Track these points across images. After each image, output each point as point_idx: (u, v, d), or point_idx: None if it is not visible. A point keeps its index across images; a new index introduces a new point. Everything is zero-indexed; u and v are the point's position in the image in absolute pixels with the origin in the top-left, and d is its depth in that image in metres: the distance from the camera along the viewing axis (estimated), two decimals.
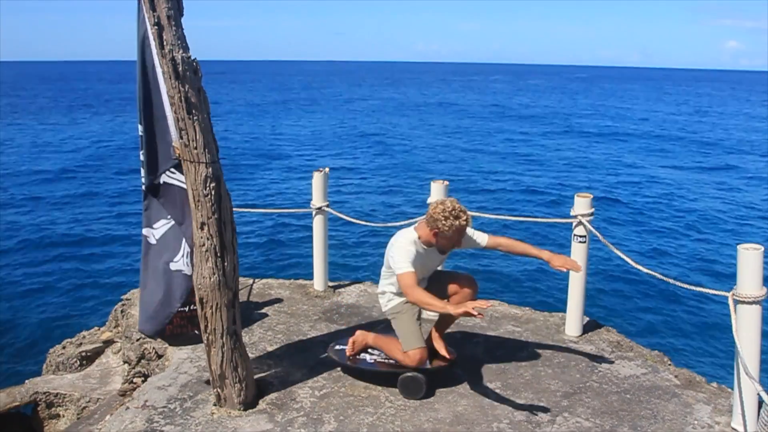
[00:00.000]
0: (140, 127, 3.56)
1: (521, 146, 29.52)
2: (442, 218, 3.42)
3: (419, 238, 3.56)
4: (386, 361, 3.76)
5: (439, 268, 3.91)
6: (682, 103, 60.94)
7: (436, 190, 4.57)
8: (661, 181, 21.47)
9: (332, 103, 55.99)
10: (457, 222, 3.42)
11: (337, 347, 3.96)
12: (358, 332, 3.93)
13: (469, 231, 3.65)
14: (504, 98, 65.78)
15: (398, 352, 3.65)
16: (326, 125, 38.10)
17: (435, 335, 3.86)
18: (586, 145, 30.14)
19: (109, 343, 5.19)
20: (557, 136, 33.68)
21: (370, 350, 3.88)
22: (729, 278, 3.64)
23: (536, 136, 33.50)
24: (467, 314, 3.04)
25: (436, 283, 3.77)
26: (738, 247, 3.14)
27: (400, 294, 3.65)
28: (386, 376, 3.70)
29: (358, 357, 3.84)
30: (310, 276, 5.48)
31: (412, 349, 3.58)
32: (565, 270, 3.61)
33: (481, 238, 3.69)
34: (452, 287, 3.76)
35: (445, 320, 3.88)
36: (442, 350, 3.78)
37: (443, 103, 57.32)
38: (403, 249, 3.51)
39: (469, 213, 3.50)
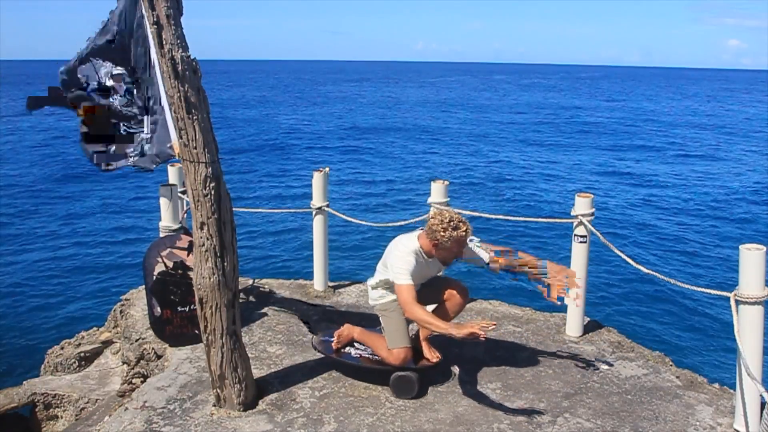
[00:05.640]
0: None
1: (522, 146, 29.52)
2: (441, 229, 3.37)
3: (421, 247, 3.51)
4: (371, 357, 3.75)
5: (439, 274, 3.85)
6: (684, 104, 60.93)
7: (437, 190, 4.56)
8: (663, 180, 21.46)
9: (333, 103, 55.99)
10: (456, 233, 3.37)
11: (323, 338, 3.97)
12: (346, 325, 3.91)
13: (472, 245, 3.61)
14: (506, 97, 65.85)
15: (383, 349, 3.62)
16: (327, 124, 38.10)
17: (423, 335, 3.80)
18: (586, 144, 30.14)
19: (108, 343, 5.18)
20: (557, 135, 33.67)
21: (356, 344, 3.87)
22: (731, 278, 3.63)
23: (536, 135, 33.50)
24: (472, 335, 3.00)
25: (428, 287, 3.71)
26: (740, 247, 3.13)
27: (392, 291, 3.59)
28: (369, 372, 3.70)
29: (343, 350, 3.84)
30: (310, 276, 5.47)
31: (397, 348, 3.55)
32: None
33: (484, 256, 3.65)
34: (445, 293, 3.70)
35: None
36: (427, 352, 3.75)
37: (444, 103, 57.34)
38: (404, 259, 3.44)
39: (469, 224, 3.44)
